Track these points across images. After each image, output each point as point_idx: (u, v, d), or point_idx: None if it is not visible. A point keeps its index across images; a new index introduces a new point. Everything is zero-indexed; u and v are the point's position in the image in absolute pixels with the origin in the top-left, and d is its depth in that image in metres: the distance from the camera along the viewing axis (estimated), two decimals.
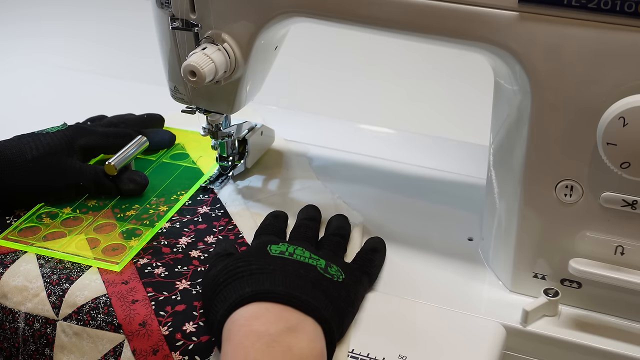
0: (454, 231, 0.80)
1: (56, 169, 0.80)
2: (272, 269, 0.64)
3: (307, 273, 0.65)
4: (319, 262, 0.67)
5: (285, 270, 0.64)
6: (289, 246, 0.68)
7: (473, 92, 1.23)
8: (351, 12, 0.68)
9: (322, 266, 0.67)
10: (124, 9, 1.54)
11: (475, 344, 0.67)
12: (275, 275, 0.63)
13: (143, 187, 0.83)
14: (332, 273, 0.67)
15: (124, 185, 0.82)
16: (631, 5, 0.58)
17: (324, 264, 0.67)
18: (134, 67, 1.30)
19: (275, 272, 0.64)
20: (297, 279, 0.63)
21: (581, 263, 0.67)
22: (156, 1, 0.74)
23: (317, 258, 0.67)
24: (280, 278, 0.63)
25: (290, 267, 0.65)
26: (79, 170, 0.81)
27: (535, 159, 0.66)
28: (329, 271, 0.66)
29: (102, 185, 0.82)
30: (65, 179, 0.80)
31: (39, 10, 1.57)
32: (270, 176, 0.88)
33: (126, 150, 0.83)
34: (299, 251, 0.67)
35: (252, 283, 0.62)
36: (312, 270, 0.65)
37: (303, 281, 0.63)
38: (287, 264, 0.65)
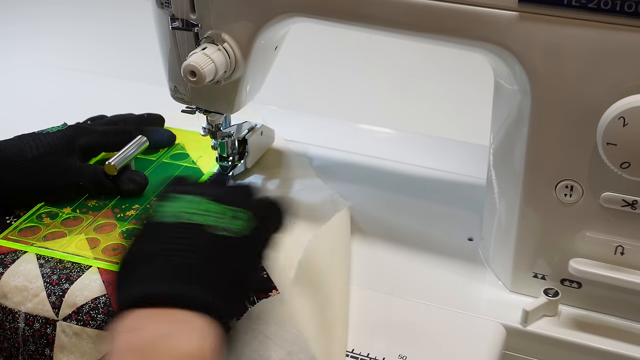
0: (454, 231, 0.80)
1: (56, 169, 0.80)
2: (156, 253, 0.57)
3: (199, 245, 0.58)
4: (219, 216, 0.59)
5: (171, 252, 0.57)
6: (183, 201, 0.60)
7: (473, 92, 1.22)
8: (351, 12, 0.68)
9: (224, 222, 0.59)
10: (124, 9, 1.54)
11: (475, 344, 0.67)
12: (157, 267, 0.56)
13: (143, 187, 0.83)
14: (234, 228, 0.59)
15: (124, 185, 0.82)
16: (631, 5, 0.58)
17: (228, 216, 0.59)
18: (134, 67, 1.30)
19: (158, 258, 0.57)
20: (182, 267, 0.56)
21: (581, 263, 0.67)
22: (156, 1, 0.74)
23: (218, 210, 0.60)
24: (163, 270, 0.56)
25: (179, 241, 0.58)
26: (79, 169, 0.81)
27: (535, 159, 0.66)
28: (231, 227, 0.59)
29: (102, 185, 0.82)
30: (65, 179, 0.80)
31: (38, 10, 1.57)
32: (270, 176, 0.88)
33: (126, 150, 0.83)
34: (195, 206, 0.60)
35: (129, 284, 0.56)
36: (206, 236, 0.58)
37: (187, 266, 0.56)
38: (175, 236, 0.58)
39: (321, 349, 0.64)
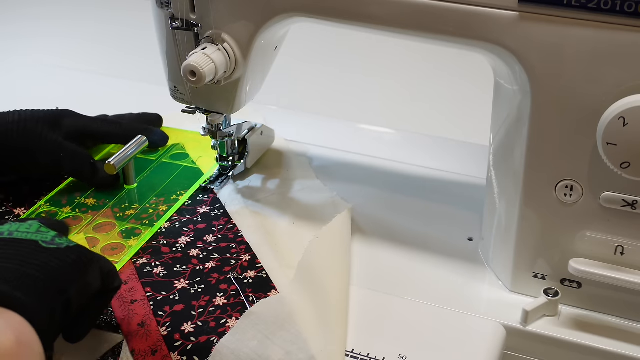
0: (454, 231, 0.80)
1: (36, 134, 0.79)
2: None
3: (16, 252, 0.57)
4: (46, 234, 0.60)
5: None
6: (13, 225, 0.60)
7: (473, 92, 1.23)
8: (351, 11, 0.68)
9: (49, 238, 0.59)
10: (124, 9, 1.54)
11: (475, 344, 0.67)
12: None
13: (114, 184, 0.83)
14: (59, 242, 0.60)
15: (99, 173, 0.82)
16: (631, 5, 0.58)
17: (53, 235, 0.60)
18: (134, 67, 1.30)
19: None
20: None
21: (581, 263, 0.67)
22: (156, 1, 0.74)
23: (46, 231, 0.60)
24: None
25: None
26: (60, 144, 0.80)
27: (535, 159, 0.66)
28: (56, 241, 0.60)
29: (80, 170, 0.81)
30: (45, 148, 0.80)
31: (38, 10, 1.57)
32: (270, 176, 0.88)
33: (126, 149, 0.83)
34: (25, 227, 0.60)
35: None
36: (27, 246, 0.58)
37: (1, 269, 0.56)
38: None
39: (320, 349, 0.64)
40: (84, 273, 0.60)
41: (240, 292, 0.70)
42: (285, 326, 0.66)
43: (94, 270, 0.61)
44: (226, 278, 0.72)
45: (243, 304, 0.69)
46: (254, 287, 0.71)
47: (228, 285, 0.71)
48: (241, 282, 0.72)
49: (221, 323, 0.67)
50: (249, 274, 0.73)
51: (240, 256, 0.75)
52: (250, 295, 0.70)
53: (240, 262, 0.74)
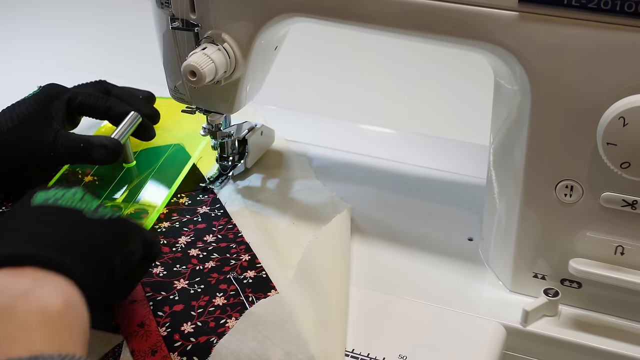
0: (454, 231, 0.80)
1: (31, 139, 0.79)
2: (14, 227, 0.58)
3: (62, 220, 0.59)
4: (90, 204, 0.61)
5: (30, 225, 0.59)
6: (58, 191, 0.62)
7: (473, 92, 1.23)
8: (351, 11, 0.68)
9: (92, 207, 0.61)
10: (124, 9, 1.54)
11: (475, 344, 0.67)
12: (17, 235, 0.57)
13: (116, 152, 0.81)
14: (103, 212, 0.61)
15: (96, 152, 0.80)
16: (631, 5, 0.58)
17: (97, 204, 0.62)
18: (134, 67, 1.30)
19: (16, 230, 0.58)
20: (38, 234, 0.58)
21: (581, 263, 0.67)
22: (156, 1, 0.74)
23: (90, 199, 0.62)
24: (21, 237, 0.57)
25: (44, 218, 0.59)
26: (53, 140, 0.79)
27: (535, 159, 0.66)
28: (99, 212, 0.61)
29: (75, 154, 0.80)
30: (40, 150, 0.79)
31: (38, 10, 1.57)
32: (270, 176, 0.88)
33: (121, 128, 0.82)
34: (69, 195, 0.61)
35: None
36: (72, 215, 0.60)
37: (44, 234, 0.58)
38: (42, 214, 0.60)
39: (320, 349, 0.64)
40: (126, 243, 0.62)
41: (240, 292, 0.70)
42: (285, 326, 0.66)
43: (137, 240, 0.63)
44: (226, 278, 0.72)
45: (243, 304, 0.69)
46: (254, 287, 0.71)
47: (228, 285, 0.71)
48: (241, 282, 0.72)
49: (221, 323, 0.67)
50: (249, 274, 0.73)
51: (240, 256, 0.75)
52: (250, 296, 0.70)
53: (240, 262, 0.74)
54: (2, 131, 0.79)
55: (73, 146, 0.79)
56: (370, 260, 0.77)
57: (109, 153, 0.80)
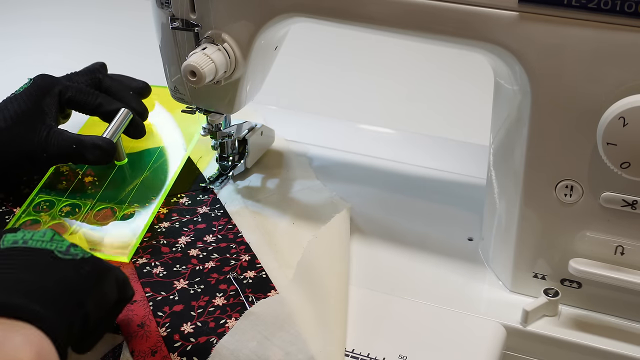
0: (454, 231, 0.80)
1: (24, 139, 0.79)
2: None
3: (32, 262, 0.57)
4: (61, 243, 0.60)
5: (3, 269, 0.57)
6: (27, 232, 0.60)
7: (473, 92, 1.23)
8: (351, 11, 0.68)
9: (64, 247, 0.59)
10: (124, 9, 1.54)
11: (475, 344, 0.67)
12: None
13: (109, 153, 0.80)
14: (74, 252, 0.59)
15: (89, 153, 0.79)
16: (631, 5, 0.58)
17: (68, 244, 0.60)
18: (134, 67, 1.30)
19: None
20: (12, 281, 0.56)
21: (581, 263, 0.67)
22: (156, 1, 0.74)
23: (60, 239, 0.60)
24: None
25: (13, 261, 0.57)
26: (45, 140, 0.79)
27: (535, 159, 0.66)
28: (71, 251, 0.59)
29: (68, 155, 0.79)
30: (33, 149, 0.79)
31: (39, 10, 1.57)
32: (270, 176, 0.88)
33: (112, 126, 0.82)
34: (38, 235, 0.60)
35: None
36: (43, 256, 0.58)
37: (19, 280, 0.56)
38: (11, 257, 0.58)
39: (320, 349, 0.64)
40: (100, 284, 0.60)
41: (239, 292, 0.70)
42: (284, 326, 0.66)
43: (110, 281, 0.61)
44: (226, 278, 0.72)
45: (242, 304, 0.69)
46: (254, 288, 0.71)
47: (228, 285, 0.71)
48: (241, 283, 0.72)
49: (221, 323, 0.67)
50: (249, 274, 0.73)
51: (240, 256, 0.75)
52: (250, 296, 0.70)
53: (239, 262, 0.74)
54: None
55: (65, 146, 0.79)
56: (370, 260, 0.77)
57: (102, 153, 0.79)
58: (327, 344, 0.65)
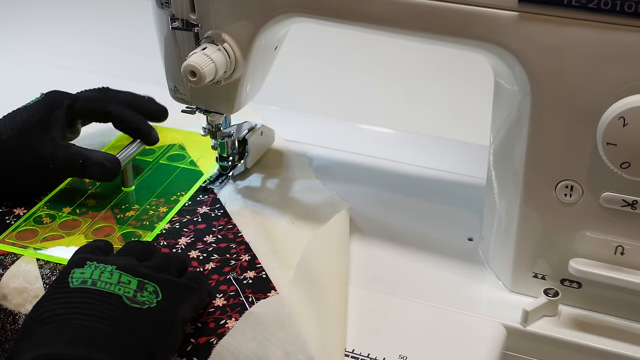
0: (454, 231, 0.80)
1: (30, 150, 0.79)
2: (62, 316, 0.58)
3: (104, 311, 0.58)
4: (127, 287, 0.61)
5: (76, 317, 0.58)
6: (95, 269, 0.61)
7: (473, 92, 1.22)
8: (351, 11, 0.68)
9: (131, 293, 0.60)
10: (124, 9, 1.54)
11: (475, 344, 0.67)
12: (61, 330, 0.56)
13: (113, 171, 0.80)
14: (142, 300, 0.60)
15: (92, 169, 0.79)
16: (631, 5, 0.58)
17: (134, 288, 0.61)
18: (134, 67, 1.30)
19: (63, 321, 0.57)
20: (86, 330, 0.57)
21: (581, 263, 0.67)
22: (156, 1, 0.74)
23: (126, 281, 0.61)
24: (66, 333, 0.56)
25: (86, 307, 0.58)
26: (51, 153, 0.79)
27: (535, 159, 0.66)
28: (138, 298, 0.60)
29: (72, 169, 0.80)
30: (38, 161, 0.79)
31: (38, 10, 1.57)
32: (270, 176, 0.88)
33: (124, 151, 0.83)
34: (106, 275, 0.61)
35: (33, 345, 0.56)
36: (113, 304, 0.59)
37: (93, 331, 0.57)
38: (84, 301, 0.59)
39: (320, 350, 0.64)
40: (170, 334, 0.61)
41: (240, 292, 0.70)
42: (284, 327, 0.66)
43: (178, 328, 0.62)
44: (226, 279, 0.72)
45: (243, 304, 0.69)
46: (254, 288, 0.71)
47: (228, 285, 0.71)
48: (241, 283, 0.72)
49: (221, 324, 0.67)
50: (249, 275, 0.73)
51: (240, 256, 0.75)
52: (250, 296, 0.70)
53: (240, 262, 0.74)
54: (2, 139, 0.78)
55: (71, 160, 0.79)
56: (369, 260, 0.77)
57: (105, 172, 0.80)
58: (327, 344, 0.65)
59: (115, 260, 0.63)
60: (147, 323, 0.60)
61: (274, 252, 0.75)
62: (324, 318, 0.67)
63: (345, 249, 0.76)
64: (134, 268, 0.63)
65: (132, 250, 0.67)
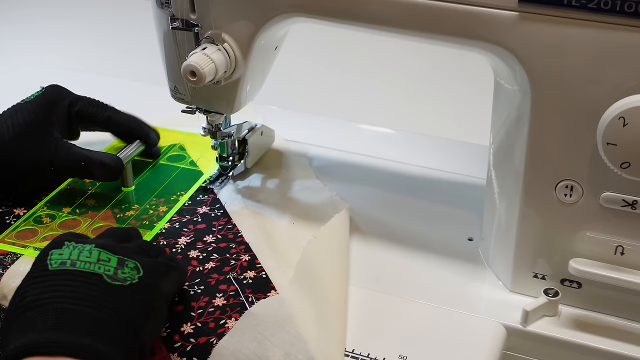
0: (454, 231, 0.80)
1: (31, 151, 0.78)
2: (44, 300, 0.56)
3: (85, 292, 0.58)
4: (107, 264, 0.60)
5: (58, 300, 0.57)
6: (73, 249, 0.61)
7: (473, 92, 1.23)
8: (351, 11, 0.68)
9: (111, 271, 0.60)
10: (124, 9, 1.54)
11: (475, 344, 0.67)
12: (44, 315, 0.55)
13: (116, 171, 0.80)
14: (123, 277, 0.60)
15: (96, 170, 0.79)
16: (631, 5, 0.58)
17: (114, 266, 0.60)
18: (134, 67, 1.30)
19: (46, 305, 0.56)
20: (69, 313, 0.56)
21: (581, 263, 0.67)
22: (156, 1, 0.74)
23: (106, 259, 0.60)
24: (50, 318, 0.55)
25: (67, 290, 0.58)
26: (53, 153, 0.79)
27: (535, 159, 0.66)
28: (119, 275, 0.60)
29: (75, 169, 0.80)
30: (40, 161, 0.79)
31: (38, 10, 1.57)
32: (270, 176, 0.88)
33: (124, 151, 0.83)
34: (85, 255, 0.60)
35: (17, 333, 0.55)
36: (94, 283, 0.58)
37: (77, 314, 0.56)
38: (65, 283, 0.58)
39: (320, 350, 0.64)
40: (153, 309, 0.61)
41: (239, 292, 0.70)
42: (284, 327, 0.66)
43: (162, 305, 0.62)
44: (226, 278, 0.72)
45: (242, 304, 0.69)
46: (254, 288, 0.71)
47: (227, 285, 0.71)
48: (241, 283, 0.72)
49: (220, 324, 0.67)
50: (249, 274, 0.73)
51: (240, 256, 0.75)
52: (250, 296, 0.70)
53: (239, 262, 0.74)
54: (4, 139, 0.78)
55: (73, 161, 0.79)
56: (370, 260, 0.77)
57: (109, 172, 0.80)
58: (327, 344, 0.65)
59: (93, 240, 0.63)
60: (130, 299, 0.59)
61: (274, 252, 0.75)
62: (324, 318, 0.67)
63: (345, 249, 0.76)
64: (112, 247, 0.62)
65: (112, 234, 0.67)
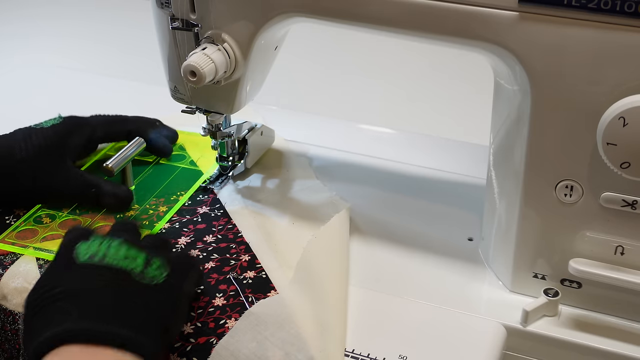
0: (454, 231, 0.80)
1: (42, 176, 0.79)
2: (74, 292, 0.57)
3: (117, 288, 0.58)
4: (135, 262, 0.60)
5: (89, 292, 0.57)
6: (101, 242, 0.61)
7: (473, 92, 1.23)
8: (351, 11, 0.68)
9: (139, 268, 0.60)
10: (124, 9, 1.54)
11: (475, 344, 0.67)
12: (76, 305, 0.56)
13: (126, 202, 0.81)
14: (151, 275, 0.60)
15: (106, 200, 0.80)
16: (631, 5, 0.58)
17: (142, 263, 0.60)
18: (134, 67, 1.30)
19: (76, 297, 0.57)
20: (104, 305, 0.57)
21: (581, 263, 0.67)
22: (156, 1, 0.74)
23: (134, 256, 0.61)
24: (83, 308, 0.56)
25: (100, 282, 0.58)
26: (65, 178, 0.79)
27: (535, 159, 0.66)
28: (146, 275, 0.60)
29: (85, 197, 0.80)
30: (50, 186, 0.79)
31: (38, 10, 1.57)
32: (270, 176, 0.88)
33: (124, 151, 0.83)
34: (113, 251, 0.60)
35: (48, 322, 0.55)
36: (124, 280, 0.59)
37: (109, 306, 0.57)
38: (94, 277, 0.58)
39: (320, 350, 0.64)
40: (179, 308, 0.63)
41: (239, 292, 0.70)
42: (284, 327, 0.66)
43: (185, 304, 0.64)
44: (226, 278, 0.72)
45: (242, 304, 0.69)
46: (254, 288, 0.71)
47: (227, 285, 0.71)
48: (241, 283, 0.72)
49: (220, 324, 0.67)
50: (249, 274, 0.73)
51: (240, 256, 0.75)
52: (250, 296, 0.70)
53: (239, 262, 0.74)
54: (16, 159, 0.78)
55: (84, 189, 0.80)
56: (370, 260, 0.77)
57: (118, 202, 0.80)
58: (327, 344, 0.65)
59: (120, 235, 0.63)
60: (158, 299, 0.60)
61: (274, 252, 0.75)
62: (324, 318, 0.67)
63: (345, 249, 0.76)
64: (138, 244, 0.62)
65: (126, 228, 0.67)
